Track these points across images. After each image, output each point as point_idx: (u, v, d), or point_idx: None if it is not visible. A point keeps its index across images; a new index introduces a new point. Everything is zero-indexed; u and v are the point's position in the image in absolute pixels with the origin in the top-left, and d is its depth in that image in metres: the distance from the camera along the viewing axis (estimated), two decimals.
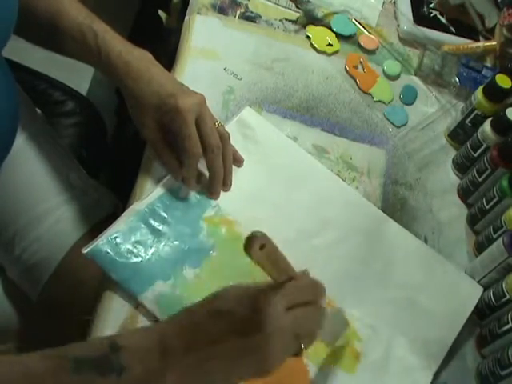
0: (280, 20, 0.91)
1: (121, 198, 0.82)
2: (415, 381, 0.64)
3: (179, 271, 0.63)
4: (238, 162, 0.73)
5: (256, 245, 0.52)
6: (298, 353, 0.52)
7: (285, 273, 0.53)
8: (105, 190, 0.83)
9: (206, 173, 0.70)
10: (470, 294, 0.71)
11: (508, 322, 0.64)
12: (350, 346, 0.64)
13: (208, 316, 0.49)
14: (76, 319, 0.63)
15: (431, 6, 1.00)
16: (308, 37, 0.90)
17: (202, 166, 0.69)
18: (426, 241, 0.75)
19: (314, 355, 0.62)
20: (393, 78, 0.91)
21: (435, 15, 0.99)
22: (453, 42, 0.96)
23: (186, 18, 0.86)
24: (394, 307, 0.68)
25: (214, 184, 0.68)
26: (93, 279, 0.69)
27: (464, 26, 0.99)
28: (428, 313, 0.68)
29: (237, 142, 0.72)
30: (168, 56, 0.86)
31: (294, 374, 0.61)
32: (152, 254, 0.63)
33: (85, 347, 0.46)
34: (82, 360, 0.44)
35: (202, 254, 0.65)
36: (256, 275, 0.65)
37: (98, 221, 0.77)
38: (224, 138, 0.68)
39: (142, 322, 0.60)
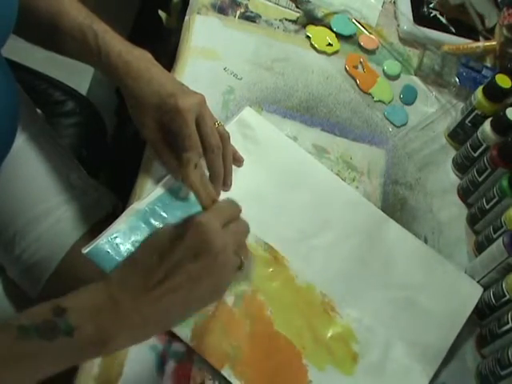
0: (280, 20, 0.91)
1: (121, 197, 0.82)
2: (413, 383, 0.64)
3: None
4: (238, 161, 0.73)
5: (192, 164, 0.55)
6: (239, 266, 0.53)
7: (208, 194, 0.56)
8: (105, 190, 0.83)
9: (206, 173, 0.70)
10: (470, 294, 0.71)
11: (508, 322, 0.64)
12: (348, 347, 0.64)
13: (151, 256, 0.49)
14: None
15: (431, 6, 1.00)
16: (308, 37, 0.90)
17: (203, 166, 0.69)
18: (426, 241, 0.75)
19: (312, 356, 0.62)
20: (393, 77, 0.91)
21: (435, 15, 0.99)
22: (453, 42, 0.96)
23: (186, 18, 0.86)
24: (394, 307, 0.68)
25: (214, 184, 0.68)
26: (93, 279, 0.69)
27: (464, 26, 0.99)
28: (428, 313, 0.68)
29: (237, 142, 0.72)
30: (168, 56, 0.86)
31: (292, 374, 0.61)
32: None
33: (29, 315, 0.45)
34: (26, 327, 0.43)
35: None
36: (254, 277, 0.65)
37: (97, 220, 0.77)
38: (224, 137, 0.68)
39: None
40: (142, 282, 0.48)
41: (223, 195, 0.70)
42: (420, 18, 0.97)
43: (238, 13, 0.89)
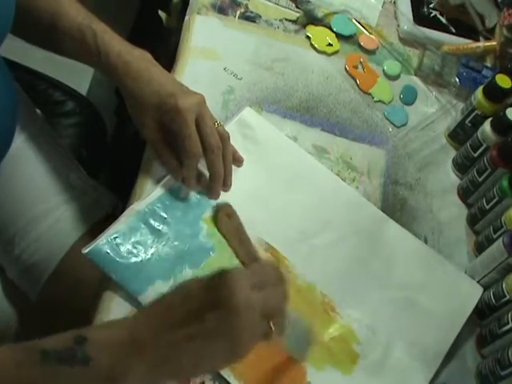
0: (280, 20, 0.91)
1: (121, 198, 0.82)
2: (413, 383, 0.64)
3: (179, 272, 0.63)
4: (238, 162, 0.73)
5: (223, 213, 0.52)
6: (267, 334, 0.51)
7: (249, 250, 0.54)
8: (104, 190, 0.83)
9: (206, 173, 0.70)
10: (470, 294, 0.70)
11: (508, 322, 0.64)
12: (349, 347, 0.64)
13: (175, 302, 0.49)
14: (75, 319, 0.63)
15: (431, 6, 1.00)
16: (308, 37, 0.90)
17: (202, 166, 0.69)
18: (426, 241, 0.75)
19: (311, 356, 0.62)
20: (393, 77, 0.91)
21: (435, 15, 0.99)
22: (453, 42, 0.96)
23: (186, 18, 0.86)
24: (394, 308, 0.68)
25: (214, 184, 0.68)
26: (93, 279, 0.69)
27: (464, 26, 0.99)
28: (428, 313, 0.68)
29: (237, 142, 0.72)
30: (168, 56, 0.86)
31: (291, 375, 0.61)
32: (152, 254, 0.63)
33: (52, 340, 0.46)
34: (48, 352, 0.45)
35: (201, 254, 0.65)
36: None
37: (97, 221, 0.77)
38: (224, 138, 0.68)
39: None
40: (162, 325, 0.48)
41: (223, 195, 0.70)
42: (420, 18, 0.97)
43: (238, 13, 0.89)
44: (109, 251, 0.61)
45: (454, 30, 0.98)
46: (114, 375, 0.46)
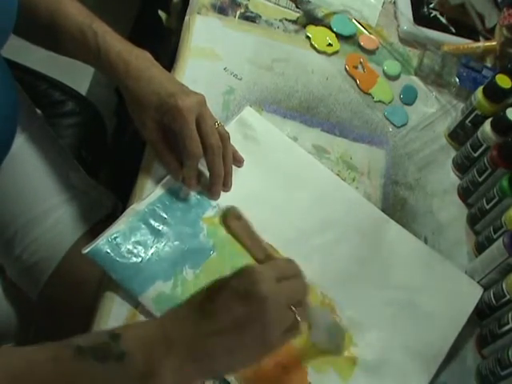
0: (280, 20, 0.91)
1: (121, 198, 0.82)
2: (413, 383, 0.64)
3: (179, 272, 0.63)
4: (238, 162, 0.73)
5: (233, 215, 0.54)
6: (294, 325, 0.52)
7: (263, 248, 0.55)
8: (104, 190, 0.83)
9: (206, 173, 0.70)
10: (470, 294, 0.70)
11: (508, 322, 0.64)
12: (348, 349, 0.64)
13: (204, 301, 0.50)
14: (76, 319, 0.63)
15: (431, 6, 1.00)
16: (308, 37, 0.90)
17: (202, 166, 0.69)
18: (426, 241, 0.75)
19: (311, 358, 0.62)
20: (393, 77, 0.91)
21: (435, 15, 0.99)
22: (453, 42, 0.96)
23: (186, 18, 0.86)
24: (394, 308, 0.68)
25: (215, 184, 0.68)
26: (93, 279, 0.69)
27: (464, 26, 0.99)
28: (428, 314, 0.68)
29: (237, 142, 0.72)
30: (168, 56, 0.86)
31: (292, 376, 0.61)
32: (152, 254, 0.63)
33: (86, 337, 0.47)
34: (83, 348, 0.45)
35: (202, 254, 0.65)
36: None
37: (97, 220, 0.77)
38: (224, 138, 0.68)
39: None
40: (192, 322, 0.48)
41: (223, 195, 0.70)
42: (420, 18, 0.97)
43: (238, 13, 0.89)
44: (109, 251, 0.61)
45: (454, 30, 0.98)
46: (148, 370, 0.46)
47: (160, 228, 0.65)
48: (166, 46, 1.00)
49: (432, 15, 0.99)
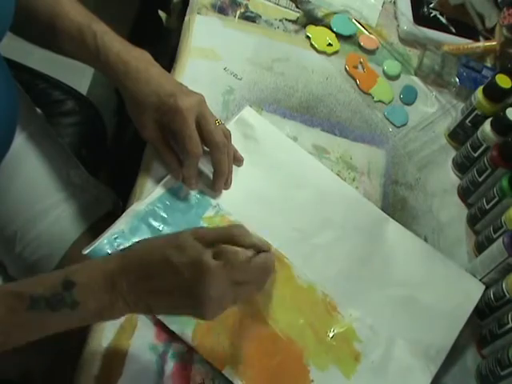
0: (280, 20, 0.91)
1: (121, 197, 0.82)
2: (415, 382, 0.64)
3: None
4: (238, 161, 0.73)
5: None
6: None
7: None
8: (105, 188, 0.83)
9: (207, 172, 0.70)
10: (472, 291, 0.71)
11: (508, 322, 0.64)
12: (351, 346, 0.64)
13: (153, 260, 0.52)
14: None
15: (431, 6, 1.00)
16: (308, 37, 0.90)
17: (203, 165, 0.69)
18: (426, 241, 0.75)
19: (314, 356, 0.62)
20: (393, 78, 0.91)
21: (435, 15, 0.99)
22: (453, 41, 0.96)
23: (186, 18, 0.86)
24: (395, 306, 0.68)
25: (218, 181, 0.69)
26: None
27: (464, 26, 0.99)
28: (429, 311, 0.69)
29: (237, 142, 0.72)
30: (168, 56, 0.86)
31: (294, 374, 0.61)
32: None
33: (39, 285, 0.50)
34: (37, 298, 0.49)
35: None
36: None
37: (98, 218, 0.77)
38: (226, 135, 0.68)
39: (141, 320, 0.60)
40: (138, 275, 0.51)
41: (223, 195, 0.70)
42: (420, 18, 0.97)
43: (238, 13, 0.89)
44: (109, 251, 0.61)
45: (454, 30, 0.98)
46: (98, 313, 0.51)
47: (160, 228, 0.65)
48: (165, 45, 1.00)
49: (432, 15, 0.99)
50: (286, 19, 0.91)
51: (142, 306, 0.52)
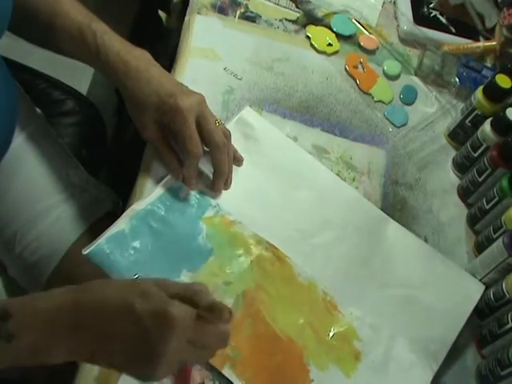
0: (280, 20, 0.91)
1: (121, 197, 0.82)
2: (415, 380, 0.64)
3: (178, 274, 0.63)
4: (238, 161, 0.73)
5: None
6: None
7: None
8: (105, 188, 0.83)
9: (207, 172, 0.70)
10: (472, 291, 0.71)
11: (508, 322, 0.64)
12: (351, 345, 0.64)
13: (110, 307, 0.48)
14: None
15: (431, 6, 1.00)
16: (308, 37, 0.90)
17: (203, 165, 0.69)
18: (426, 241, 0.75)
19: (314, 355, 0.62)
20: (393, 77, 0.91)
21: (435, 15, 0.99)
22: (453, 41, 0.96)
23: (186, 18, 0.86)
24: (396, 305, 0.68)
25: (218, 181, 0.69)
26: (94, 277, 0.69)
27: (464, 26, 0.99)
28: (429, 311, 0.69)
29: (237, 142, 0.72)
30: (168, 56, 0.86)
31: (294, 373, 0.61)
32: (152, 254, 0.63)
33: None
34: None
35: (200, 257, 0.65)
36: (255, 277, 0.65)
37: (98, 218, 0.77)
38: (226, 135, 0.68)
39: None
40: (89, 317, 0.47)
41: (223, 195, 0.70)
42: (420, 18, 0.97)
43: (238, 13, 0.89)
44: (109, 252, 0.61)
45: (454, 30, 0.98)
46: (35, 352, 0.46)
47: (160, 228, 0.65)
48: (165, 45, 1.00)
49: (432, 15, 0.99)
50: (286, 19, 0.91)
51: (84, 352, 0.47)
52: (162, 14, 1.09)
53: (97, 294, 0.49)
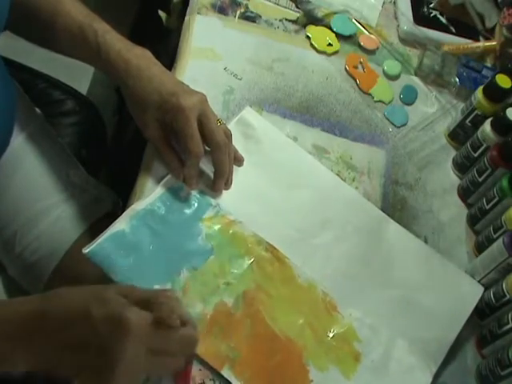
0: (280, 20, 0.91)
1: (121, 197, 0.82)
2: (415, 381, 0.64)
3: (177, 274, 0.63)
4: (238, 161, 0.73)
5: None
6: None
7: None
8: (104, 188, 0.83)
9: (208, 172, 0.70)
10: (471, 293, 0.71)
11: (508, 322, 0.64)
12: (350, 346, 0.64)
13: (72, 313, 0.48)
14: None
15: (431, 6, 1.00)
16: (308, 37, 0.90)
17: (203, 165, 0.69)
18: (426, 241, 0.75)
19: (313, 356, 0.62)
20: (393, 77, 0.91)
21: (435, 15, 0.99)
22: (453, 41, 0.96)
23: (186, 18, 0.86)
24: (395, 306, 0.68)
25: (219, 181, 0.68)
26: (94, 276, 0.69)
27: (464, 26, 0.99)
28: (428, 312, 0.69)
29: (237, 142, 0.72)
30: (168, 56, 0.86)
31: (293, 374, 0.61)
32: (152, 254, 0.63)
33: None
34: None
35: (200, 257, 0.65)
36: (255, 278, 0.65)
37: (97, 218, 0.77)
38: (227, 135, 0.68)
39: None
40: (53, 324, 0.47)
41: (224, 195, 0.70)
42: (420, 18, 0.97)
43: (238, 13, 0.89)
44: (109, 251, 0.61)
45: (454, 30, 0.98)
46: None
47: (160, 228, 0.65)
48: (166, 45, 1.00)
49: (432, 15, 0.99)
50: (286, 19, 0.91)
51: (44, 361, 0.47)
52: (162, 13, 1.09)
53: (60, 302, 0.49)
